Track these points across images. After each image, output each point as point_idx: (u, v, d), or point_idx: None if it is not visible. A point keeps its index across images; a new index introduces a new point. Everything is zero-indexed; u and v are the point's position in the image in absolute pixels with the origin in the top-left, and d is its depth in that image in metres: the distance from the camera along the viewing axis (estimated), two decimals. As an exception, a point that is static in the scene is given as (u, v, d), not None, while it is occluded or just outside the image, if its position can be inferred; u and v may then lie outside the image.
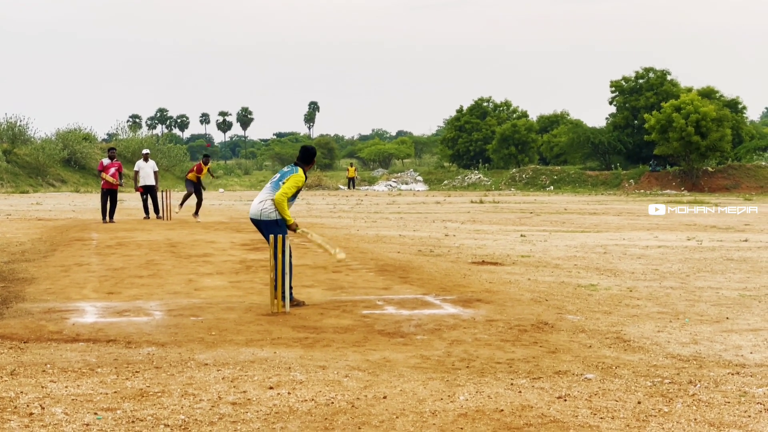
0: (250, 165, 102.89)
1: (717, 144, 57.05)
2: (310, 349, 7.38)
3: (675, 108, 58.09)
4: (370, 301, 9.90)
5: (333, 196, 48.71)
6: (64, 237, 18.43)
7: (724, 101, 65.10)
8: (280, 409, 5.47)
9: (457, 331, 8.16)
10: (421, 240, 18.13)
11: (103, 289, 10.75)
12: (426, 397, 5.74)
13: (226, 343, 7.59)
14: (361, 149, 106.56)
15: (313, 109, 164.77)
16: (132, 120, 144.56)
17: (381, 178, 75.27)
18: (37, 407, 5.44)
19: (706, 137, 56.35)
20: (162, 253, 15.09)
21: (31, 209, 31.10)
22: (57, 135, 72.88)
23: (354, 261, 13.89)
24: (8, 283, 11.12)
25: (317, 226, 22.37)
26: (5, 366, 6.59)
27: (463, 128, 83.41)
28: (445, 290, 10.71)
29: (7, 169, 64.00)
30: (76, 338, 7.71)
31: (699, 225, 23.21)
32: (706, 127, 56.16)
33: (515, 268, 13.11)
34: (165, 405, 5.52)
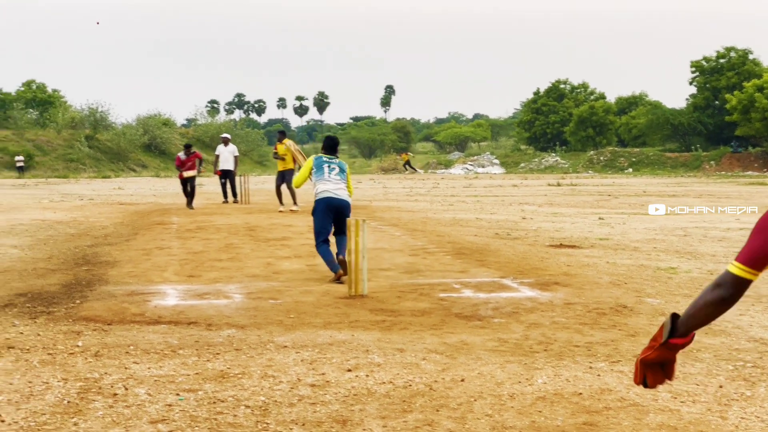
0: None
1: (801, 124, 55.63)
2: (387, 332, 7.40)
3: (757, 88, 56.79)
4: (447, 285, 9.88)
5: (409, 180, 48.71)
6: (145, 221, 18.77)
7: (809, 80, 63.33)
8: (359, 391, 5.49)
9: (535, 314, 8.10)
10: (498, 223, 18.03)
11: (184, 272, 10.92)
12: (504, 380, 5.72)
13: (304, 325, 7.65)
14: (437, 132, 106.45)
15: (389, 93, 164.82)
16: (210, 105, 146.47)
17: (457, 162, 75.03)
18: (121, 388, 5.56)
19: (791, 117, 54.96)
20: (241, 236, 15.27)
21: (113, 194, 31.75)
22: (137, 121, 74.24)
23: (431, 244, 13.88)
24: (92, 267, 11.36)
25: (394, 210, 22.40)
26: (90, 347, 6.74)
27: (540, 111, 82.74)
28: (523, 273, 10.64)
29: (89, 155, 65.43)
30: (158, 320, 7.84)
31: (784, 207, 22.67)
32: (790, 107, 54.77)
33: (593, 251, 12.96)
34: (245, 386, 5.59)
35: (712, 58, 70.56)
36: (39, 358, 6.37)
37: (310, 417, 4.99)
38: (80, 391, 5.47)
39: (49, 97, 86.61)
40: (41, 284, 9.86)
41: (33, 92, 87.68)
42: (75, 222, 18.29)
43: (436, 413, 5.05)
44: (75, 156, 65.19)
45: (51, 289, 9.49)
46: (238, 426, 4.84)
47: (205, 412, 5.06)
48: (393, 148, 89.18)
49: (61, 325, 7.58)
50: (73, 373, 5.93)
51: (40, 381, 5.70)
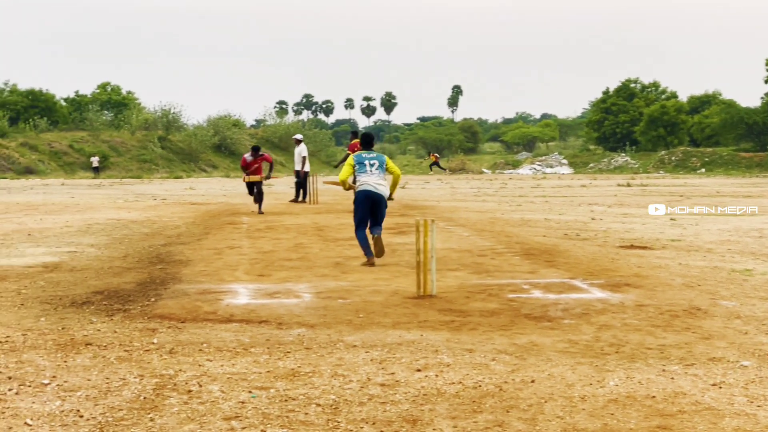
0: (394, 149, 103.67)
1: None
2: (456, 332, 7.41)
3: (837, 85, 55.40)
4: (516, 285, 9.85)
5: (477, 180, 48.57)
6: (216, 221, 19.03)
7: None
8: (428, 391, 5.51)
9: (606, 315, 8.04)
10: (567, 224, 17.90)
11: (254, 272, 11.05)
12: (575, 382, 5.69)
13: (373, 325, 7.69)
14: (505, 132, 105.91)
15: (456, 93, 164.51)
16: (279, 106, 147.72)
17: (525, 162, 74.59)
18: (195, 385, 5.66)
19: None
20: (310, 236, 15.39)
21: (185, 194, 32.21)
22: (208, 122, 75.21)
23: (499, 245, 13.84)
24: (166, 265, 11.56)
25: (462, 210, 22.37)
26: (165, 345, 6.87)
27: (609, 110, 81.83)
28: (593, 274, 10.55)
29: (162, 155, 66.51)
30: (230, 319, 7.95)
31: None
32: None
33: (665, 252, 12.80)
34: (316, 385, 5.65)
35: (788, 55, 69.12)
36: (116, 354, 6.51)
37: (380, 416, 5.03)
38: (156, 387, 5.59)
39: (123, 99, 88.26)
40: (117, 282, 10.07)
41: (108, 94, 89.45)
42: (149, 221, 18.62)
43: (506, 414, 5.05)
44: (148, 156, 66.31)
45: (127, 287, 9.69)
46: (310, 424, 4.90)
47: (277, 410, 5.13)
48: (460, 149, 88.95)
49: (136, 323, 7.74)
50: (148, 369, 6.05)
51: (117, 377, 5.83)
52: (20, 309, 8.41)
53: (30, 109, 77.02)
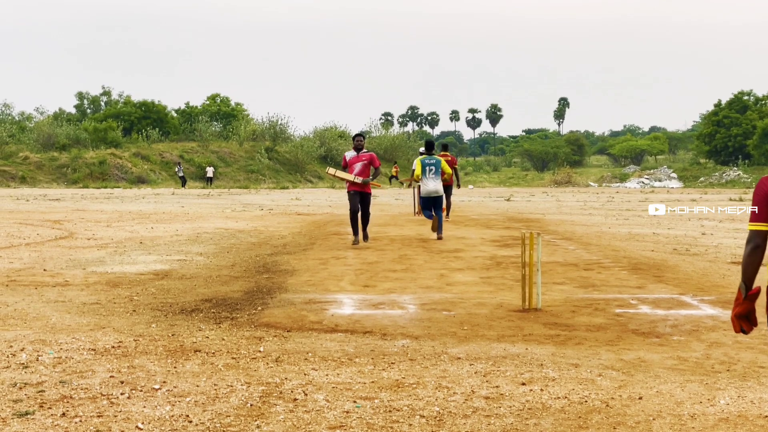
0: (499, 161, 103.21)
1: None
2: (562, 346, 7.33)
3: None
4: (623, 300, 9.69)
5: (583, 193, 47.97)
6: (321, 231, 19.24)
7: None
8: (533, 405, 5.47)
9: (717, 332, 7.84)
10: (676, 238, 17.54)
11: (359, 282, 11.12)
12: (684, 400, 5.56)
13: (477, 337, 7.66)
14: (612, 145, 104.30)
15: (563, 105, 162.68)
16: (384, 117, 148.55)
17: (632, 175, 73.35)
18: (301, 393, 5.72)
19: None
20: (414, 248, 15.43)
21: (291, 204, 32.66)
22: (314, 133, 76.13)
23: (606, 259, 13.64)
24: (272, 275, 11.73)
25: (567, 223, 22.12)
26: (271, 353, 6.97)
27: (721, 123, 79.83)
28: (703, 290, 10.31)
29: (269, 166, 67.59)
30: (335, 329, 8.02)
31: None
32: None
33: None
34: (420, 396, 5.66)
35: None
36: (224, 361, 6.64)
37: (484, 429, 5.01)
38: (262, 395, 5.67)
39: (232, 111, 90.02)
40: (225, 291, 10.26)
41: (217, 105, 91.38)
42: (255, 231, 18.94)
43: (613, 431, 4.97)
44: (255, 167, 67.46)
45: (234, 296, 9.87)
46: (414, 435, 4.90)
47: (381, 420, 5.15)
48: (566, 161, 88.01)
49: (243, 331, 7.87)
50: (255, 377, 6.14)
51: (224, 384, 5.94)
52: (132, 315, 8.65)
53: (143, 120, 79.25)
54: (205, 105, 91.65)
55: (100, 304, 9.27)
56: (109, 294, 10.00)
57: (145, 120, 79.36)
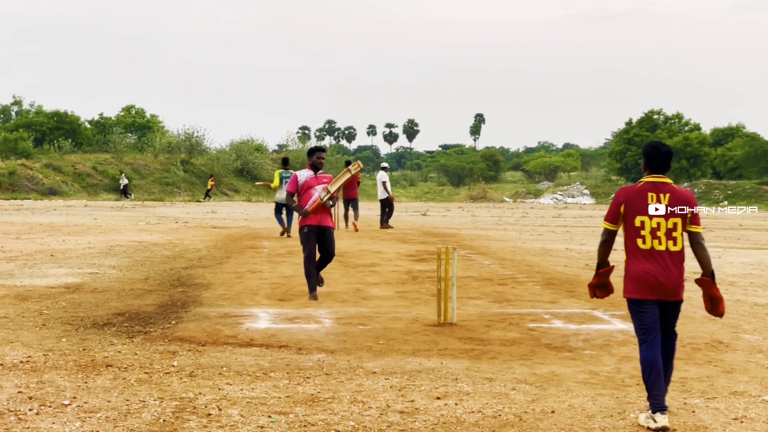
0: (416, 176, 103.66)
1: None
2: (476, 360, 7.39)
3: None
4: (536, 315, 9.83)
5: (498, 209, 48.52)
6: (237, 245, 19.08)
7: None
8: (448, 419, 5.50)
9: (627, 347, 7.99)
10: (589, 254, 17.83)
11: (275, 296, 11.07)
12: (595, 414, 5.66)
13: (393, 352, 7.69)
14: (527, 162, 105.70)
15: (478, 121, 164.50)
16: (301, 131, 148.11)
17: (546, 191, 74.47)
18: (215, 408, 5.67)
19: None
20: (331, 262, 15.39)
21: (206, 217, 32.33)
22: (231, 146, 75.46)
23: (520, 274, 13.81)
24: (186, 288, 11.60)
25: (482, 238, 22.33)
26: (185, 367, 6.89)
27: (632, 141, 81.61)
28: (614, 305, 10.50)
29: (184, 179, 66.84)
30: (250, 343, 7.97)
31: None
32: None
33: (687, 284, 12.64)
34: (335, 411, 5.65)
35: (813, 89, 68.96)
36: (136, 376, 6.54)
37: (399, 443, 5.02)
38: (175, 410, 5.60)
39: (147, 122, 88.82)
40: (138, 304, 10.11)
41: (132, 117, 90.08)
42: (170, 244, 18.70)
43: (526, 444, 5.03)
44: (171, 179, 66.62)
45: (147, 310, 9.73)
46: (329, 450, 4.89)
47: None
48: (482, 177, 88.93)
49: (157, 345, 7.77)
50: (168, 392, 6.07)
51: (136, 399, 5.85)
52: (42, 329, 8.46)
53: (55, 131, 77.64)
54: (119, 116, 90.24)
55: (9, 318, 9.05)
56: (17, 308, 9.76)
57: (57, 131, 77.71)
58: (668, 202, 5.70)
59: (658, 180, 5.80)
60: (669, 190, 5.75)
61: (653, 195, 5.73)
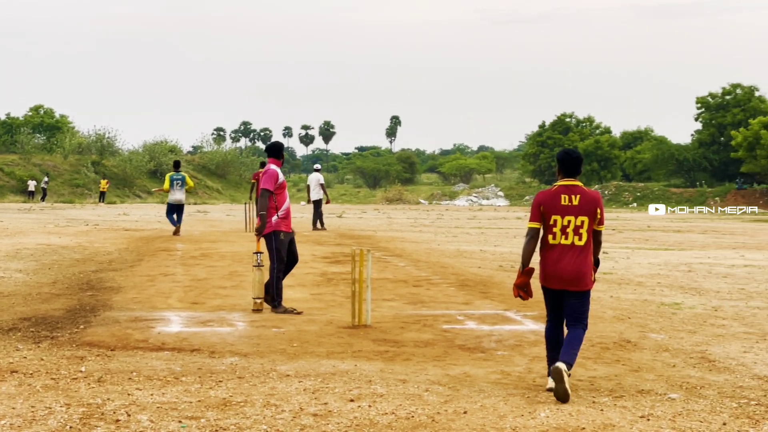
0: (332, 178, 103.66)
1: (807, 162, 55.77)
2: (390, 362, 7.40)
3: (763, 125, 56.92)
4: (450, 316, 9.89)
5: (414, 210, 48.75)
6: (149, 247, 18.80)
7: (815, 118, 63.44)
8: (361, 421, 5.49)
9: (539, 347, 8.08)
10: (503, 255, 18.04)
11: (188, 299, 10.93)
12: (507, 413, 5.71)
13: (307, 354, 7.65)
14: (442, 164, 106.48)
15: (394, 123, 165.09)
16: (216, 133, 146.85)
17: (462, 193, 75.10)
18: (123, 414, 5.56)
19: (796, 155, 55.10)
20: (245, 264, 15.26)
21: (118, 219, 31.82)
22: (144, 147, 74.43)
23: (434, 275, 13.88)
24: (96, 292, 11.38)
25: (398, 240, 22.41)
26: (93, 373, 6.75)
27: (545, 144, 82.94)
28: (526, 306, 10.62)
29: (95, 180, 65.62)
30: (161, 347, 7.85)
31: (788, 244, 22.64)
32: (795, 144, 54.92)
33: (597, 285, 12.93)
34: (248, 415, 5.59)
35: (718, 94, 70.77)
36: (42, 382, 6.38)
37: (312, 447, 4.99)
38: (83, 416, 5.48)
39: (56, 123, 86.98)
40: (45, 309, 9.88)
41: (41, 117, 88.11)
42: (80, 247, 18.33)
43: (439, 445, 5.04)
44: (81, 181, 65.41)
45: (55, 314, 9.51)
46: (240, 454, 4.83)
47: (207, 440, 5.06)
48: (398, 179, 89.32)
49: (64, 350, 7.59)
50: (75, 398, 5.93)
51: (42, 406, 5.71)
52: (-56, 335, 8.20)
53: (-40, 131, 75.62)
54: (27, 116, 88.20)
55: None
56: None
57: (-39, 131, 75.73)
58: (578, 202, 6.41)
59: (570, 183, 6.50)
60: (579, 192, 6.45)
61: (566, 196, 6.43)
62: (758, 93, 69.92)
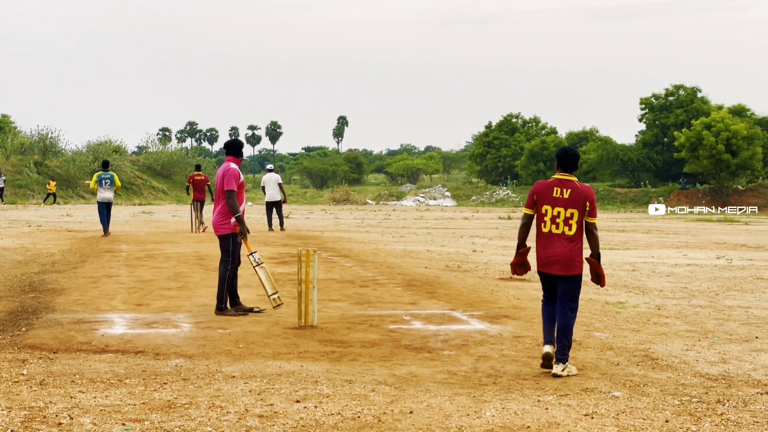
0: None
1: (748, 162, 56.82)
2: (336, 363, 7.40)
3: (705, 126, 57.79)
4: (397, 316, 9.90)
5: (361, 211, 48.75)
6: (93, 248, 18.58)
7: (755, 119, 64.61)
8: (307, 422, 5.48)
9: (484, 347, 8.14)
10: (449, 255, 18.11)
11: (132, 301, 10.82)
12: (452, 413, 5.73)
13: (253, 355, 7.62)
14: (390, 164, 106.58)
15: (341, 124, 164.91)
16: (162, 133, 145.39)
17: (409, 194, 75.27)
18: (66, 417, 5.49)
19: (737, 155, 56.12)
20: (190, 265, 15.17)
21: (62, 221, 31.39)
22: (88, 147, 73.45)
23: (381, 276, 13.90)
24: (38, 294, 11.22)
25: (345, 241, 22.39)
26: (35, 376, 6.65)
27: (491, 144, 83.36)
28: (473, 306, 10.69)
29: (38, 181, 64.69)
30: (104, 349, 7.76)
31: (729, 244, 23.04)
32: (736, 145, 55.93)
33: (538, 284, 13.02)
34: (192, 417, 5.55)
35: (661, 95, 71.64)
36: (-18, 386, 6.27)
37: (257, 448, 4.97)
38: (24, 420, 5.40)
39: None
40: (-14, 311, 9.71)
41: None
42: (22, 249, 18.05)
43: (385, 445, 5.05)
44: (23, 182, 64.37)
45: (-4, 317, 9.35)
46: (185, 457, 4.80)
47: (151, 443, 5.01)
48: (345, 179, 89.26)
49: (5, 353, 7.48)
50: (17, 401, 5.84)
51: (-18, 410, 5.61)
52: None
53: None
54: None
55: None
56: None
57: None
58: (569, 195, 7.08)
59: (564, 177, 7.21)
60: (571, 186, 7.13)
61: (558, 189, 7.13)
62: (700, 94, 70.93)
